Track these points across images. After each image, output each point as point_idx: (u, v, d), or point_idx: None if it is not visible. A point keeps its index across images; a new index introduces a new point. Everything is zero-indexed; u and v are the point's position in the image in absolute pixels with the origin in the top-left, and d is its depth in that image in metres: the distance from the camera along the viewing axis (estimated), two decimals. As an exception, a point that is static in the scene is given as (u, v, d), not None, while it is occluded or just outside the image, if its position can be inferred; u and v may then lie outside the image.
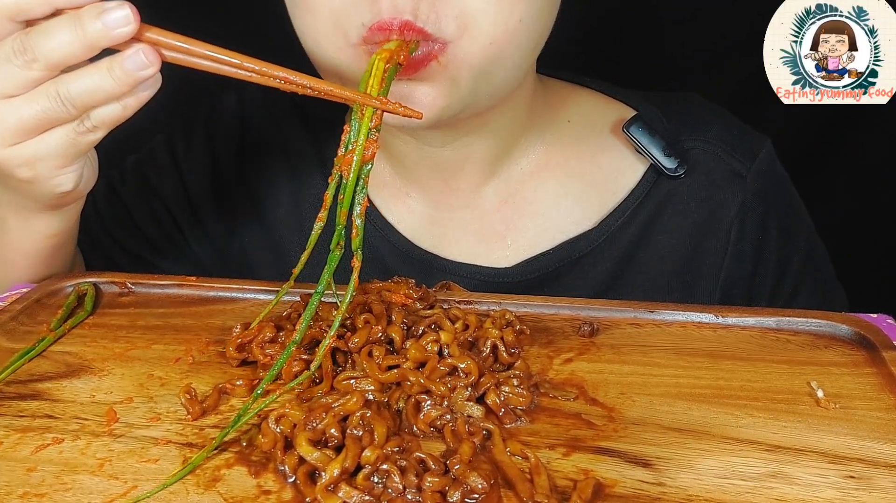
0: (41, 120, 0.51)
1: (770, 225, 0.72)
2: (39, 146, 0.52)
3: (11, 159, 0.53)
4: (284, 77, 0.49)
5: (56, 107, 0.50)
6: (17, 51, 0.49)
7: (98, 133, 0.53)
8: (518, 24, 0.56)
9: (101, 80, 0.49)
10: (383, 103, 0.49)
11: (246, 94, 0.80)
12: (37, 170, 0.54)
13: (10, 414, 0.47)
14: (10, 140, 0.52)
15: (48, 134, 0.52)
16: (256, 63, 0.49)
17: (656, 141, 0.70)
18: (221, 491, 0.40)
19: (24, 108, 0.50)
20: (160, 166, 0.79)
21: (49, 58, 0.49)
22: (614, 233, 0.71)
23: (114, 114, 0.52)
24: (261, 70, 0.49)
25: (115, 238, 0.79)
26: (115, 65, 0.49)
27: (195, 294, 0.62)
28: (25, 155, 0.53)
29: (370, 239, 0.50)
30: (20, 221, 0.62)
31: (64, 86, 0.50)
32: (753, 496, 0.39)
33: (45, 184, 0.55)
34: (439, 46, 0.55)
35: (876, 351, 0.51)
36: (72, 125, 0.52)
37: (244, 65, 0.49)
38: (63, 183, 0.56)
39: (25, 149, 0.52)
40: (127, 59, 0.49)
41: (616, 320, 0.57)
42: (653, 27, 1.13)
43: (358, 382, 0.47)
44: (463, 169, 0.71)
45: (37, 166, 0.53)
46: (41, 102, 0.50)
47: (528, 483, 0.39)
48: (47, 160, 0.53)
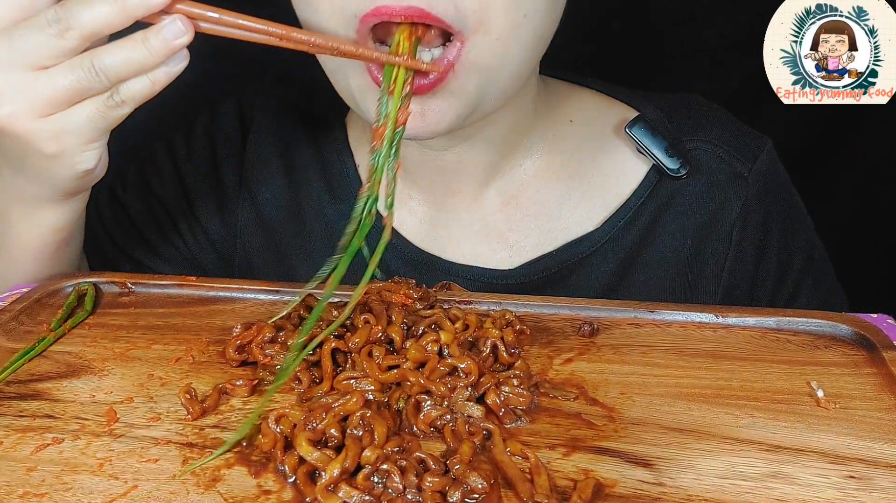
0: (73, 91, 0.51)
1: (771, 225, 0.72)
2: (69, 118, 0.53)
3: (40, 131, 0.53)
4: (311, 41, 0.51)
5: (89, 77, 0.51)
6: (52, 20, 0.50)
7: (125, 108, 0.53)
8: (523, 20, 0.55)
9: (135, 51, 0.50)
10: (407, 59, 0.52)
11: (245, 98, 0.80)
12: (63, 143, 0.54)
13: (10, 414, 0.47)
14: (42, 111, 0.52)
15: (78, 106, 0.53)
16: (283, 28, 0.51)
17: (658, 141, 0.70)
18: (221, 491, 0.40)
19: (57, 77, 0.51)
20: (161, 170, 0.79)
21: (84, 27, 0.50)
22: (617, 234, 0.71)
23: (143, 88, 0.52)
24: (288, 35, 0.51)
25: (117, 242, 0.79)
26: (150, 35, 0.50)
27: (195, 294, 0.62)
28: (54, 127, 0.53)
29: (371, 241, 0.50)
30: (26, 214, 0.62)
31: (98, 57, 0.51)
32: (754, 496, 0.39)
33: (68, 160, 0.55)
34: (457, 50, 0.54)
35: (876, 351, 0.51)
36: (101, 98, 0.52)
37: (271, 30, 0.51)
38: (86, 160, 0.56)
39: (54, 121, 0.53)
40: (164, 27, 0.50)
41: (616, 320, 0.57)
42: (653, 27, 1.13)
43: (358, 382, 0.47)
44: (465, 171, 0.71)
45: (64, 139, 0.54)
46: (75, 73, 0.51)
47: (528, 483, 0.39)
48: (75, 134, 0.54)
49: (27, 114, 0.52)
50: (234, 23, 0.51)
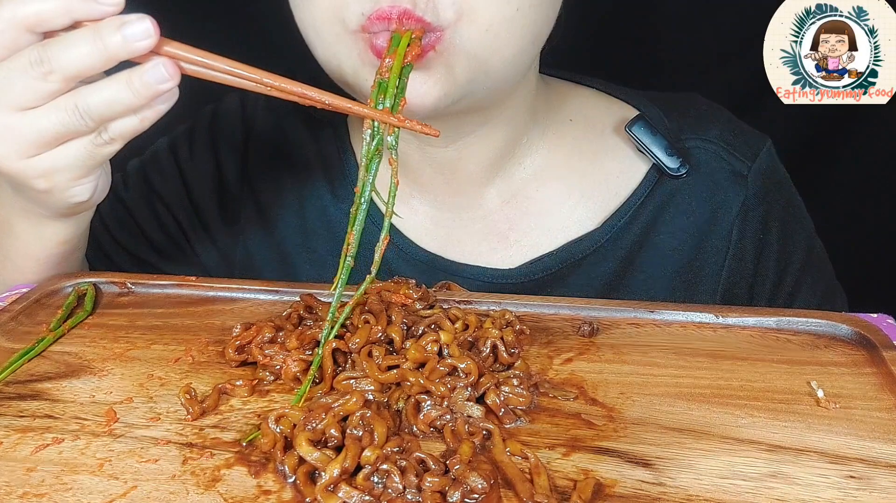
0: (59, 132, 0.51)
1: (771, 224, 0.72)
2: (56, 158, 0.52)
3: (28, 171, 0.53)
4: (302, 93, 0.49)
5: (74, 119, 0.50)
6: (35, 62, 0.49)
7: (115, 145, 0.53)
8: (515, 13, 0.56)
9: (119, 93, 0.49)
10: (401, 121, 0.50)
11: (248, 97, 0.80)
12: (53, 181, 0.54)
13: (10, 414, 0.47)
14: (28, 152, 0.52)
15: (65, 146, 0.52)
16: (275, 78, 0.49)
17: (658, 140, 0.70)
18: (221, 491, 0.40)
19: (41, 120, 0.50)
20: (163, 170, 0.79)
21: (67, 69, 0.49)
22: (617, 233, 0.71)
23: (131, 126, 0.52)
24: (279, 86, 0.49)
25: (119, 242, 0.79)
26: (134, 77, 0.49)
27: (195, 294, 0.62)
28: (42, 167, 0.53)
29: (372, 240, 0.50)
30: (31, 227, 0.63)
31: (82, 98, 0.50)
32: (754, 496, 0.39)
33: (60, 195, 0.55)
34: (436, 37, 0.55)
35: (876, 351, 0.51)
36: (89, 137, 0.52)
37: (263, 80, 0.49)
38: (79, 194, 0.56)
39: (42, 161, 0.52)
40: (147, 72, 0.49)
41: (616, 320, 0.57)
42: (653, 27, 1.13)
43: (358, 382, 0.47)
44: (465, 169, 0.71)
45: (53, 178, 0.53)
46: (59, 115, 0.50)
47: (528, 483, 0.39)
48: (64, 172, 0.53)
49: (13, 155, 0.52)
50: (223, 69, 0.49)
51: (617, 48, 1.10)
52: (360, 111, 0.50)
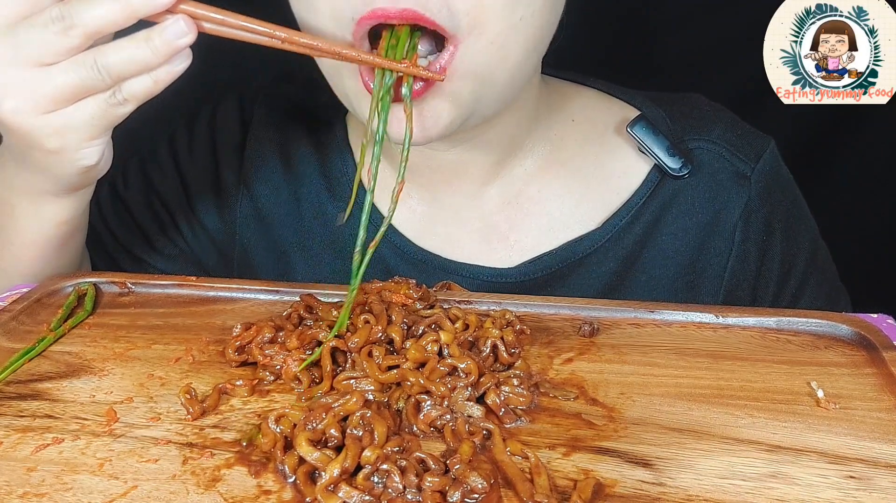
0: (76, 88, 0.52)
1: (774, 226, 0.72)
2: (71, 116, 0.53)
3: (43, 128, 0.53)
4: (313, 45, 0.52)
5: (92, 75, 0.51)
6: (56, 18, 0.50)
7: (128, 106, 0.54)
8: (518, 22, 0.55)
9: (138, 50, 0.51)
10: (408, 66, 0.52)
11: (247, 95, 0.80)
12: (65, 140, 0.54)
13: (10, 414, 0.47)
14: (44, 108, 0.52)
15: (80, 104, 0.53)
16: (286, 31, 0.51)
17: (660, 141, 0.70)
18: (221, 491, 0.40)
19: (60, 75, 0.51)
20: (162, 167, 0.79)
21: (88, 25, 0.50)
22: (618, 233, 0.71)
23: (145, 87, 0.52)
24: (291, 38, 0.51)
25: (118, 238, 0.79)
26: (153, 34, 0.50)
27: (195, 294, 0.62)
28: (56, 124, 0.53)
29: (371, 240, 0.50)
30: (31, 206, 0.63)
31: (101, 55, 0.51)
32: (754, 496, 0.39)
33: (70, 155, 0.56)
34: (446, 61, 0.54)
35: (876, 351, 0.51)
36: (104, 96, 0.53)
37: (275, 33, 0.51)
38: (88, 156, 0.56)
39: (57, 117, 0.53)
40: (167, 27, 0.50)
41: (616, 320, 0.57)
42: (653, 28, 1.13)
43: (358, 382, 0.47)
44: (466, 170, 0.71)
45: (66, 136, 0.54)
46: (78, 71, 0.51)
47: (528, 483, 0.39)
48: (77, 130, 0.54)
49: (30, 110, 0.52)
50: (237, 24, 0.51)
51: (617, 48, 1.10)
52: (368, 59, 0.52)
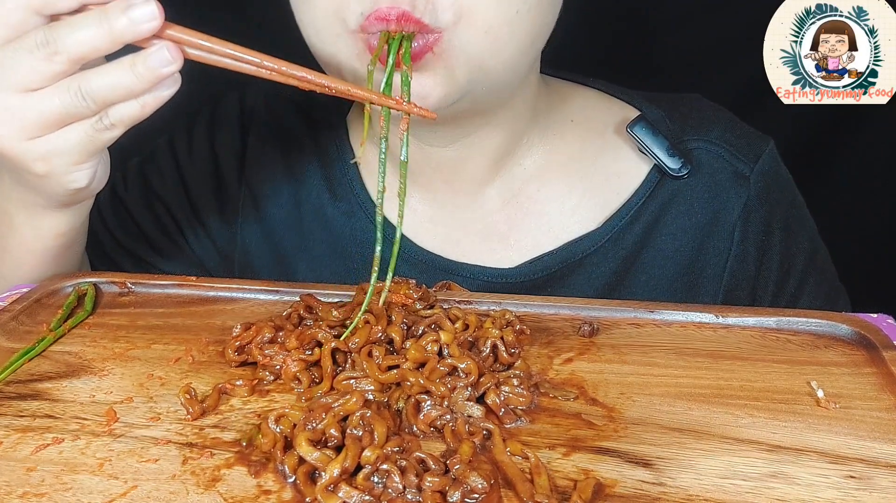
0: (61, 115, 0.51)
1: (773, 226, 0.72)
2: (57, 141, 0.53)
3: (29, 153, 0.53)
4: (302, 77, 0.50)
5: (76, 102, 0.51)
6: (41, 43, 0.49)
7: (115, 131, 0.53)
8: (514, 16, 0.56)
9: (122, 77, 0.50)
10: (398, 103, 0.50)
11: (247, 96, 0.80)
12: (53, 165, 0.54)
13: (10, 414, 0.47)
14: (29, 133, 0.52)
15: (66, 129, 0.52)
16: (276, 62, 0.50)
17: (660, 141, 0.70)
18: (221, 491, 0.40)
19: (44, 101, 0.51)
20: (162, 168, 0.79)
21: (72, 51, 0.49)
22: (618, 233, 0.71)
23: (132, 112, 0.52)
24: (280, 69, 0.50)
25: (118, 240, 0.79)
26: (137, 61, 0.49)
27: (195, 294, 0.62)
28: (43, 150, 0.53)
29: (371, 240, 0.50)
30: (29, 219, 0.63)
31: (86, 81, 0.50)
32: (754, 496, 0.39)
33: (59, 179, 0.55)
34: (434, 38, 0.55)
35: (876, 351, 0.51)
36: (90, 121, 0.52)
37: (264, 63, 0.50)
38: (77, 179, 0.56)
39: (43, 143, 0.53)
40: (151, 55, 0.49)
41: (616, 320, 0.57)
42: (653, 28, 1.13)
43: (358, 382, 0.47)
44: (466, 169, 0.71)
45: (53, 161, 0.54)
46: (62, 97, 0.51)
47: (528, 483, 0.39)
48: (64, 156, 0.54)
49: (15, 135, 0.52)
50: (225, 52, 0.50)
51: (617, 48, 1.10)
52: (359, 94, 0.51)
